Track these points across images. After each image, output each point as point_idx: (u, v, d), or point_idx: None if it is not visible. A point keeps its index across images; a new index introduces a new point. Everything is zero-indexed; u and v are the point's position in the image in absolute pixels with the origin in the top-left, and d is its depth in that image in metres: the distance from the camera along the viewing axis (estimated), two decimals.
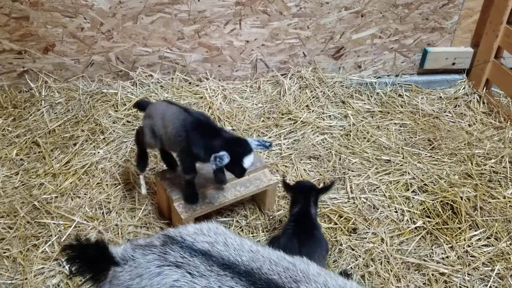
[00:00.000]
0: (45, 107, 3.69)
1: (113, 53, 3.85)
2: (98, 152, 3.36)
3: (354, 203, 3.11)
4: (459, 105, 4.14)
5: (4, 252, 2.70)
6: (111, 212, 2.96)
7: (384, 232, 2.93)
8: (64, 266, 2.61)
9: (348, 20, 4.02)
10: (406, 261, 2.77)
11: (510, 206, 3.15)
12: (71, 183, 3.13)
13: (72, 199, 3.04)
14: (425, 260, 2.79)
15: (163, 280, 1.58)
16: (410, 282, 2.67)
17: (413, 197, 3.17)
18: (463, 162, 3.49)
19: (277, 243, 2.51)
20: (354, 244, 2.85)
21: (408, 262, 2.77)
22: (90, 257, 1.68)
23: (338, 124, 3.80)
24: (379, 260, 2.77)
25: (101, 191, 3.09)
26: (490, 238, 2.94)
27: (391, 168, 3.39)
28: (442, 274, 2.72)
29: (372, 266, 2.74)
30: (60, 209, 2.95)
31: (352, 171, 3.34)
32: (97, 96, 3.80)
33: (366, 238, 2.89)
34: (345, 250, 2.81)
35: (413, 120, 3.91)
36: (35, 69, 3.82)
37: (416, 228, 2.98)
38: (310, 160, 3.44)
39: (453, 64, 4.38)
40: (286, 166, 3.36)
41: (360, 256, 2.79)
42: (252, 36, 3.95)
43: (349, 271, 2.69)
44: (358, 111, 3.94)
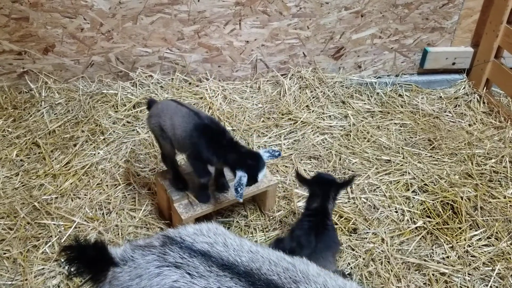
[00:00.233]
0: (45, 108, 3.69)
1: (113, 54, 3.85)
2: (98, 153, 3.36)
3: (355, 203, 3.11)
4: (459, 105, 4.14)
5: (4, 253, 2.70)
6: (111, 213, 2.96)
7: (385, 232, 2.93)
8: (64, 267, 2.61)
9: (348, 20, 4.01)
10: (407, 261, 2.77)
11: (511, 206, 3.15)
12: (71, 184, 3.13)
13: (72, 200, 3.04)
14: (426, 260, 2.79)
15: (163, 281, 1.58)
16: (411, 282, 2.67)
17: (414, 197, 3.17)
18: (464, 162, 3.49)
19: (290, 236, 2.48)
20: (355, 244, 2.84)
21: (409, 262, 2.77)
22: (89, 258, 1.68)
23: (338, 124, 3.79)
24: (379, 260, 2.77)
25: (101, 192, 3.09)
26: (491, 238, 2.94)
27: (391, 168, 3.38)
28: (443, 274, 2.72)
29: (372, 266, 2.73)
30: (60, 210, 2.95)
31: (352, 171, 3.34)
32: (97, 97, 3.81)
33: (367, 238, 2.89)
34: (345, 250, 2.81)
35: (413, 120, 3.90)
36: (35, 70, 3.83)
37: (417, 228, 2.98)
38: (310, 160, 3.43)
39: (453, 64, 4.37)
40: (286, 167, 3.36)
41: (360, 256, 2.78)
42: (252, 36, 3.95)
43: (347, 271, 2.68)
44: (358, 111, 3.94)
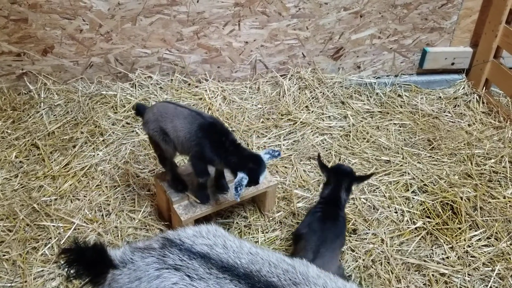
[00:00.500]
0: (44, 109, 3.69)
1: (112, 55, 3.85)
2: (98, 154, 3.35)
3: (354, 204, 3.11)
4: (459, 105, 4.14)
5: (4, 255, 2.70)
6: (111, 214, 2.96)
7: (384, 233, 2.93)
8: (63, 269, 2.60)
9: (347, 21, 4.01)
10: (406, 262, 2.77)
11: (510, 206, 3.15)
12: (71, 185, 3.12)
13: (72, 201, 3.03)
14: (425, 261, 2.79)
15: (162, 283, 1.58)
16: (411, 283, 2.67)
17: (413, 198, 3.17)
18: (463, 162, 3.49)
19: (302, 222, 2.55)
20: (354, 245, 2.84)
21: (408, 263, 2.77)
22: (89, 260, 1.68)
23: (338, 125, 3.79)
24: (379, 261, 2.77)
25: (101, 193, 3.09)
26: (490, 238, 2.94)
27: (391, 169, 3.38)
28: (443, 275, 2.72)
29: (373, 267, 2.73)
30: (60, 212, 2.94)
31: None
32: (96, 98, 3.80)
33: (366, 239, 2.89)
34: (346, 251, 2.80)
35: (413, 120, 3.90)
36: (34, 71, 3.82)
37: (416, 229, 2.98)
38: (310, 161, 3.43)
39: (452, 64, 4.37)
40: (286, 167, 3.35)
41: (360, 258, 2.78)
42: (251, 37, 3.95)
43: (348, 274, 2.68)
44: (358, 112, 3.94)
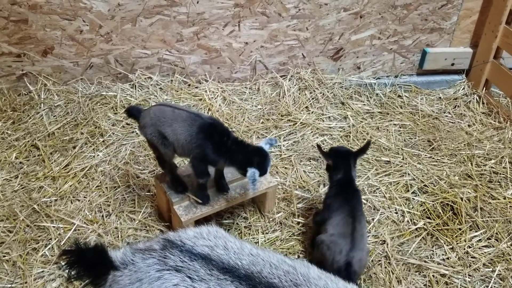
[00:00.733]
0: (44, 110, 3.69)
1: (112, 56, 3.85)
2: (98, 155, 3.35)
3: None
4: (459, 106, 4.14)
5: (4, 256, 2.70)
6: (111, 215, 2.95)
7: (385, 234, 2.93)
8: (64, 270, 2.60)
9: (347, 21, 4.01)
10: (407, 263, 2.77)
11: (511, 207, 3.15)
12: (71, 186, 3.12)
13: (72, 202, 3.03)
14: (426, 261, 2.79)
15: (163, 285, 1.58)
16: (411, 284, 2.67)
17: (413, 198, 3.17)
18: (463, 163, 3.49)
19: (323, 208, 2.69)
20: None
21: (409, 264, 2.77)
22: (89, 262, 1.68)
23: (338, 125, 3.79)
24: (380, 262, 2.77)
25: (101, 194, 3.09)
26: (491, 239, 2.94)
27: (391, 169, 3.38)
28: (443, 276, 2.72)
29: (373, 268, 2.73)
30: (60, 212, 2.94)
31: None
32: (96, 99, 3.80)
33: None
34: None
35: (413, 121, 3.90)
36: (34, 72, 3.82)
37: (417, 229, 2.98)
38: (310, 162, 3.43)
39: (452, 65, 4.37)
40: (286, 168, 3.35)
41: None
42: (251, 38, 3.95)
43: None
44: (358, 112, 3.94)
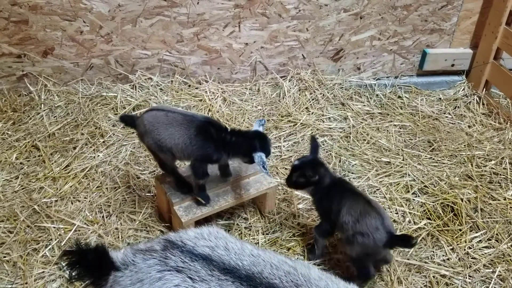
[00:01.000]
0: (45, 111, 3.69)
1: (112, 56, 3.85)
2: (98, 156, 3.35)
3: None
4: (459, 107, 4.14)
5: (4, 257, 2.70)
6: (111, 216, 2.95)
7: None
8: (65, 271, 2.60)
9: (347, 22, 4.02)
10: (407, 263, 2.77)
11: (511, 208, 3.15)
12: (71, 187, 3.12)
13: (72, 203, 3.03)
14: (426, 262, 2.79)
15: (164, 285, 1.58)
16: (412, 284, 2.67)
17: (414, 199, 3.17)
18: (463, 164, 3.49)
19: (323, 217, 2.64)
20: None
21: (409, 264, 2.77)
22: (90, 262, 1.68)
23: (338, 126, 3.79)
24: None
25: (101, 195, 3.09)
26: (491, 240, 2.94)
27: (391, 170, 3.38)
28: (443, 276, 2.72)
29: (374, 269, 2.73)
30: (60, 213, 2.94)
31: (352, 173, 3.34)
32: (97, 100, 3.80)
33: None
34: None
35: (413, 122, 3.90)
36: (35, 73, 3.82)
37: (417, 230, 2.98)
38: None
39: (452, 66, 4.38)
40: (286, 169, 3.35)
41: None
42: (251, 39, 3.95)
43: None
44: (358, 113, 3.94)
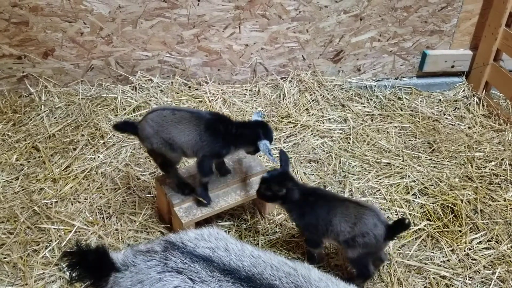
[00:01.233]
0: (45, 112, 3.69)
1: (113, 58, 3.85)
2: (98, 157, 3.36)
3: None
4: (459, 108, 4.15)
5: (4, 258, 2.70)
6: (111, 217, 2.95)
7: None
8: (65, 272, 2.61)
9: (347, 24, 4.02)
10: (407, 264, 2.77)
11: (511, 209, 3.15)
12: (71, 188, 3.12)
13: (72, 204, 3.03)
14: (426, 263, 2.79)
15: (164, 286, 1.58)
16: (412, 286, 2.67)
17: (414, 200, 3.17)
18: (463, 165, 3.49)
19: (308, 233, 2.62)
20: None
21: (409, 265, 2.77)
22: (91, 263, 1.68)
23: (338, 127, 3.80)
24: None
25: (101, 196, 3.09)
26: (491, 241, 2.94)
27: (391, 171, 3.38)
28: (443, 277, 2.72)
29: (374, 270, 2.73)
30: (60, 214, 2.94)
31: (352, 175, 3.34)
32: (97, 101, 3.81)
33: None
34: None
35: (413, 123, 3.91)
36: (35, 74, 3.83)
37: (417, 231, 2.98)
38: (310, 164, 3.43)
39: (452, 67, 4.38)
40: None
41: None
42: (252, 40, 3.95)
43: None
44: (358, 114, 3.95)
